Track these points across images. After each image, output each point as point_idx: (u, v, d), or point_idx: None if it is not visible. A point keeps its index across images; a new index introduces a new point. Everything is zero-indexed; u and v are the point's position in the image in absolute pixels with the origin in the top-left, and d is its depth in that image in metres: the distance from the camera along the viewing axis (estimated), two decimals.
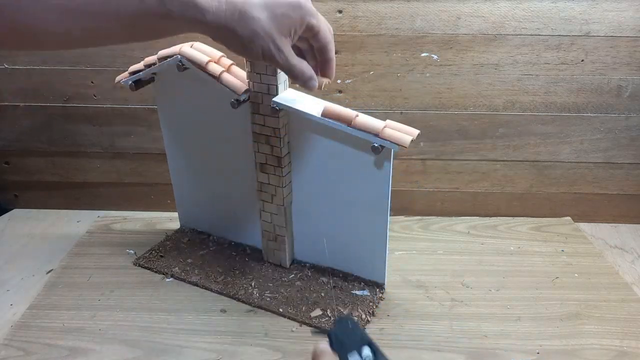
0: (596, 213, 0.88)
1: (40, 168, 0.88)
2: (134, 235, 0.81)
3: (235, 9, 0.44)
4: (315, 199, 0.66)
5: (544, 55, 0.77)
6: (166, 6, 0.41)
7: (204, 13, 0.43)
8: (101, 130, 0.85)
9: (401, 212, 0.89)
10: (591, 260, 0.75)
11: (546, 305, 0.66)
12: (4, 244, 0.80)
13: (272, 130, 0.61)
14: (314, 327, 0.61)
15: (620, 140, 0.82)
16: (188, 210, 0.80)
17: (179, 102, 0.70)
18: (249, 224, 0.73)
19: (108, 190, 0.90)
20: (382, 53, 0.77)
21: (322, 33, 0.50)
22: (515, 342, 0.59)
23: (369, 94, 0.80)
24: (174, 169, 0.77)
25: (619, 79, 0.78)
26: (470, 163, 0.85)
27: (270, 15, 0.45)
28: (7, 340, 0.59)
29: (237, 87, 0.60)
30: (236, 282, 0.69)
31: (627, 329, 0.61)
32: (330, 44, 0.51)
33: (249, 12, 0.44)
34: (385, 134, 0.55)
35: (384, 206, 0.61)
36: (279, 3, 0.46)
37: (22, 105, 0.83)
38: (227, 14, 0.44)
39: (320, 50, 0.52)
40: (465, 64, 0.78)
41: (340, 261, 0.70)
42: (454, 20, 0.75)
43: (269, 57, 0.47)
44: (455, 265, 0.74)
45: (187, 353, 0.57)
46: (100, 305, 0.65)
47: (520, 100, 0.80)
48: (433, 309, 0.65)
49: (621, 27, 0.74)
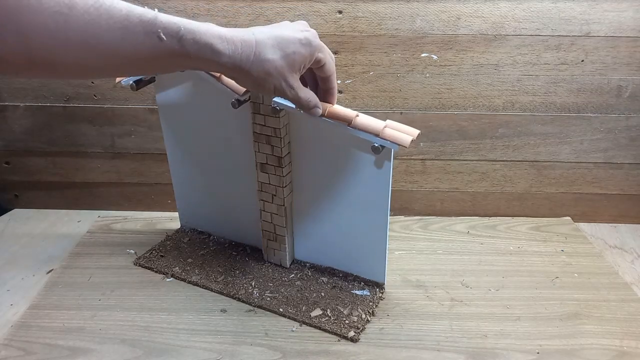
0: (596, 213, 0.88)
1: (40, 168, 0.88)
2: (135, 235, 0.81)
3: (251, 51, 0.46)
4: (315, 199, 0.66)
5: (543, 56, 0.77)
6: (185, 48, 0.43)
7: (220, 56, 0.44)
8: (101, 130, 0.85)
9: (401, 212, 0.89)
10: (591, 260, 0.75)
11: (546, 305, 0.66)
12: (4, 244, 0.80)
13: (273, 130, 0.62)
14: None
15: (620, 140, 0.82)
16: (188, 210, 0.80)
17: (179, 102, 0.70)
18: (249, 224, 0.73)
19: (108, 190, 0.90)
20: (382, 53, 0.77)
21: (327, 65, 0.52)
22: (515, 341, 0.59)
23: (368, 94, 0.80)
24: (175, 169, 0.77)
25: (619, 79, 0.78)
26: (469, 163, 0.85)
27: (283, 54, 0.47)
28: (7, 340, 0.59)
29: (238, 87, 0.60)
30: (236, 282, 0.69)
31: (627, 329, 0.61)
32: (334, 74, 0.54)
33: (262, 54, 0.46)
34: (385, 134, 0.55)
35: (384, 206, 0.61)
36: (290, 41, 0.48)
37: (22, 105, 0.83)
38: (242, 56, 0.46)
39: (325, 80, 0.54)
40: (465, 64, 0.78)
41: (340, 261, 0.70)
42: (454, 20, 0.75)
43: (281, 93, 0.50)
44: (455, 265, 0.74)
45: (187, 353, 0.58)
46: (100, 305, 0.65)
47: (520, 101, 0.80)
48: (433, 309, 0.65)
49: (621, 27, 0.74)
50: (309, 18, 0.75)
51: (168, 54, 0.42)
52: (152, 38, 0.41)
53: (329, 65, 0.52)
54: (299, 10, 0.75)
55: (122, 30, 0.39)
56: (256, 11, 0.76)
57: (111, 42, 0.39)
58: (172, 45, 0.42)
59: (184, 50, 0.43)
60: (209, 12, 0.76)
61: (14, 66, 0.37)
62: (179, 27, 0.42)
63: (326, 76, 0.53)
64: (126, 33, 0.39)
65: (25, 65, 0.38)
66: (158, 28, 0.41)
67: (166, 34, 0.41)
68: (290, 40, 0.48)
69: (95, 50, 0.39)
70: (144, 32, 0.40)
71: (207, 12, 0.76)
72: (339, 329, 0.61)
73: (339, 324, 0.61)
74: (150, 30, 0.41)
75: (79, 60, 0.39)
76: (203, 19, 0.76)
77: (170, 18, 0.42)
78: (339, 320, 0.62)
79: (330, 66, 0.53)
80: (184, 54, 0.43)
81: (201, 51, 0.43)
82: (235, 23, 0.76)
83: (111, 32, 0.39)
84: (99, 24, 0.38)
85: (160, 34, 0.41)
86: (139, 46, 0.41)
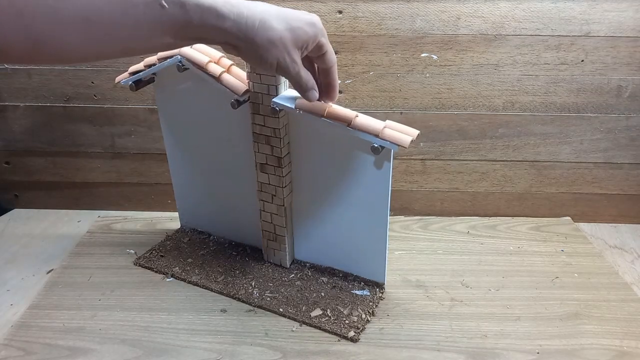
0: (596, 213, 0.88)
1: (40, 168, 0.88)
2: (135, 235, 0.81)
3: (256, 17, 0.45)
4: (315, 199, 0.66)
5: (543, 56, 0.77)
6: (188, 13, 0.41)
7: (224, 20, 0.43)
8: (101, 130, 0.85)
9: (401, 212, 0.89)
10: (591, 260, 0.75)
11: (546, 305, 0.66)
12: (4, 244, 0.80)
13: (272, 131, 0.62)
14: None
15: (620, 140, 0.82)
16: (188, 210, 0.80)
17: (179, 103, 0.70)
18: (249, 224, 0.73)
19: (108, 190, 0.90)
20: (382, 53, 0.77)
21: (329, 54, 0.51)
22: (515, 341, 0.59)
23: (368, 94, 0.80)
24: (175, 169, 0.77)
25: (619, 79, 0.78)
26: (469, 163, 0.85)
27: (288, 27, 0.47)
28: (7, 340, 0.59)
29: (237, 87, 0.60)
30: (236, 282, 0.69)
31: (627, 329, 0.61)
32: (335, 66, 0.53)
33: (268, 21, 0.45)
34: (385, 135, 0.55)
35: (384, 206, 0.61)
36: (295, 17, 0.47)
37: (22, 105, 0.83)
38: (247, 21, 0.44)
39: (326, 72, 0.53)
40: (465, 64, 0.78)
41: (340, 261, 0.70)
42: (454, 20, 0.75)
43: (283, 68, 0.48)
44: (455, 265, 0.74)
45: (187, 353, 0.58)
46: (100, 305, 0.65)
47: (520, 101, 0.80)
48: (433, 309, 0.65)
49: (621, 27, 0.74)
50: None
51: (171, 24, 0.41)
52: (153, 7, 0.40)
53: (330, 54, 0.51)
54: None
55: (122, 2, 0.38)
56: None
57: (112, 16, 0.38)
58: (175, 12, 0.41)
59: (187, 16, 0.41)
60: None
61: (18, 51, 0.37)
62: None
63: (327, 67, 0.53)
64: (127, 5, 0.39)
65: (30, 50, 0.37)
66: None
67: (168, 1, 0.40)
68: (296, 17, 0.47)
69: (96, 27, 0.38)
70: (144, 3, 0.39)
71: None
72: (339, 329, 0.61)
73: (339, 324, 0.61)
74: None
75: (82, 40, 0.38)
76: None
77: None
78: (339, 320, 0.62)
79: (331, 56, 0.52)
80: (187, 21, 0.42)
81: (204, 16, 0.42)
82: None
83: (112, 5, 0.38)
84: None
85: (161, 1, 0.40)
86: (141, 17, 0.40)
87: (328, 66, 0.52)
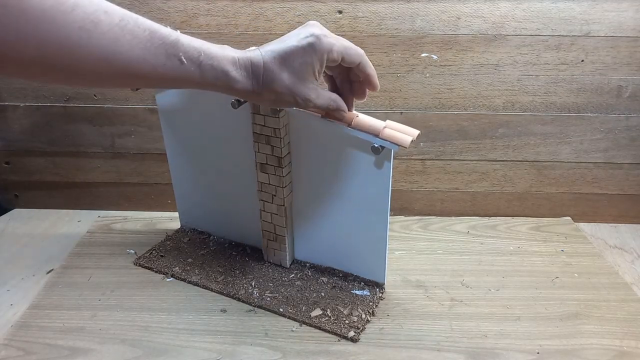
0: (596, 213, 0.88)
1: (40, 168, 0.88)
2: (135, 235, 0.81)
3: (259, 75, 0.47)
4: (315, 199, 0.66)
5: (543, 56, 0.77)
6: (203, 73, 0.44)
7: (235, 83, 0.46)
8: (101, 130, 0.85)
9: (401, 212, 0.89)
10: (591, 260, 0.75)
11: (546, 305, 0.66)
12: (4, 244, 0.80)
13: (273, 131, 0.62)
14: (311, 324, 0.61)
15: (620, 140, 0.82)
16: (188, 210, 0.80)
17: (179, 103, 0.70)
18: (249, 224, 0.73)
19: (108, 190, 0.90)
20: (382, 53, 0.77)
21: (348, 57, 0.50)
22: (515, 341, 0.59)
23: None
24: (175, 169, 0.77)
25: (619, 79, 0.78)
26: (469, 163, 0.85)
27: (290, 70, 0.47)
28: (7, 340, 0.59)
29: None
30: (236, 282, 0.69)
31: (627, 329, 0.61)
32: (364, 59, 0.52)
33: (270, 76, 0.47)
34: (385, 135, 0.55)
35: (384, 206, 0.61)
36: (294, 53, 0.47)
37: (22, 105, 0.83)
38: (253, 81, 0.47)
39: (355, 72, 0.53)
40: (465, 64, 0.78)
41: (340, 261, 0.70)
42: (454, 20, 0.75)
43: (300, 107, 0.51)
44: (455, 265, 0.74)
45: (187, 353, 0.58)
46: (100, 305, 0.65)
47: (520, 101, 0.80)
48: (433, 309, 0.65)
49: (621, 27, 0.74)
50: (309, 18, 0.75)
51: (186, 77, 0.43)
52: (172, 61, 0.42)
53: (349, 56, 0.50)
54: (299, 10, 0.75)
55: (143, 50, 0.39)
56: (256, 11, 0.76)
57: (131, 61, 0.39)
58: (191, 69, 0.43)
59: (202, 75, 0.44)
60: (209, 12, 0.76)
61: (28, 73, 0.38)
62: (199, 53, 0.43)
63: (354, 66, 0.51)
64: (147, 54, 0.40)
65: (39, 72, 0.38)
66: (179, 52, 0.42)
67: (187, 58, 0.42)
68: (294, 53, 0.47)
69: (113, 67, 0.39)
70: (165, 55, 0.41)
71: (207, 12, 0.76)
72: (339, 329, 0.61)
73: (339, 324, 0.61)
74: (172, 53, 0.41)
75: (95, 74, 0.39)
76: (203, 19, 0.76)
77: (191, 41, 0.43)
78: (339, 320, 0.62)
79: (352, 57, 0.50)
80: (202, 78, 0.44)
81: (218, 77, 0.45)
82: (235, 23, 0.76)
83: (132, 52, 0.39)
84: (121, 43, 0.38)
85: (181, 57, 0.42)
86: (159, 67, 0.41)
87: (354, 65, 0.51)
